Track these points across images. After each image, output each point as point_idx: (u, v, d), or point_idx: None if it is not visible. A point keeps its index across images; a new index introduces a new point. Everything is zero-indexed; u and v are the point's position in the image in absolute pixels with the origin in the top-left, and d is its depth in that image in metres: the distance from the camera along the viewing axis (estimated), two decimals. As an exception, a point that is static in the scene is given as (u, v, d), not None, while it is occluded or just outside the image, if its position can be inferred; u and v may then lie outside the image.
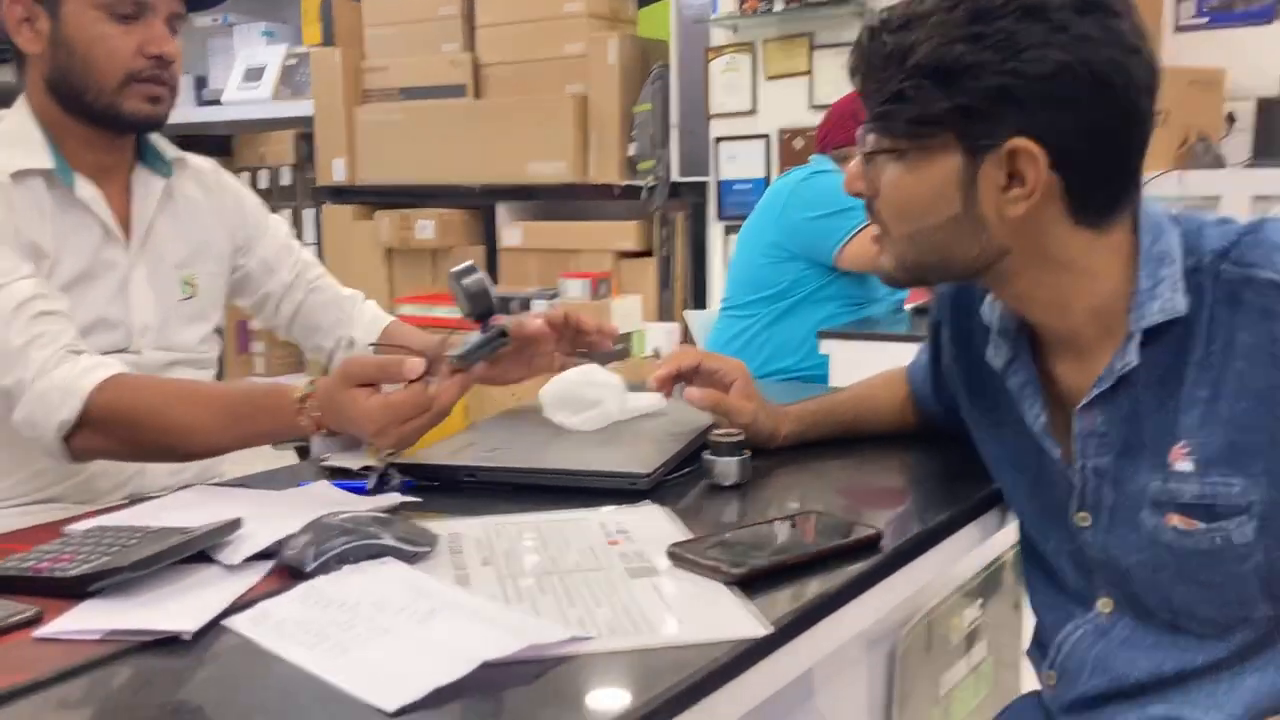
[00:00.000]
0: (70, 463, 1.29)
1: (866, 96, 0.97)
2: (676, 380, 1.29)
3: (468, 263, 1.20)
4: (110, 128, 1.42)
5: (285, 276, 1.66)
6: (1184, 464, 0.96)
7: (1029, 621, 1.27)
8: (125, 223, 1.46)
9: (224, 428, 1.25)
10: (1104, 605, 1.07)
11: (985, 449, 1.18)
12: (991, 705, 1.44)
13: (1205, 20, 3.52)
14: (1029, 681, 1.49)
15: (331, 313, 1.69)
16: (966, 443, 1.23)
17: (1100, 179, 0.94)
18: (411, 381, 1.15)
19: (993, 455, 1.17)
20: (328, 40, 5.38)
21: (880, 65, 0.94)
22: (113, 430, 1.25)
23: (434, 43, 5.02)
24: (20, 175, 1.36)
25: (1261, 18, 3.48)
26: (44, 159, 1.39)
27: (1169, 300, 0.94)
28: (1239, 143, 3.38)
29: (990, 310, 1.09)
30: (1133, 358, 0.96)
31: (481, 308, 1.24)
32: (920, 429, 1.36)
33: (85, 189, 1.41)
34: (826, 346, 2.46)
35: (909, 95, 0.92)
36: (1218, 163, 3.24)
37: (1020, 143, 0.91)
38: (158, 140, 1.52)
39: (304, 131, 5.44)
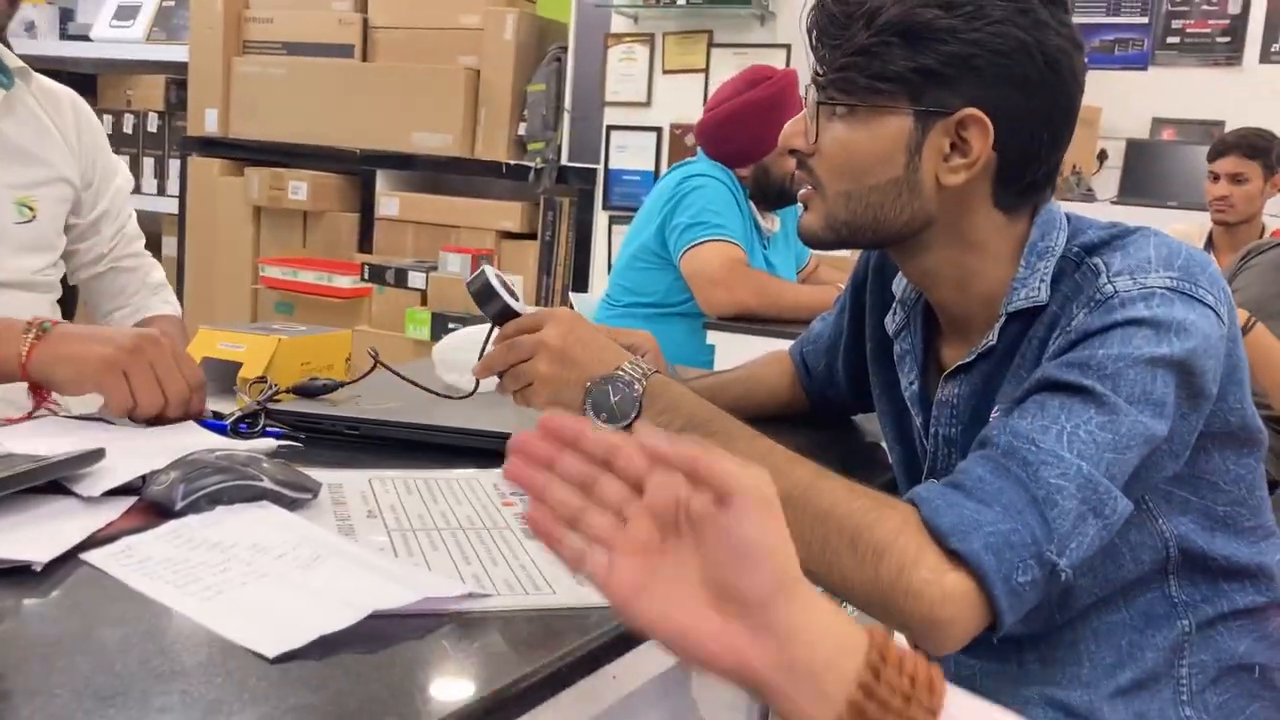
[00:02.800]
0: None
1: (822, 51, 0.97)
2: None
3: (481, 269, 1.09)
4: None
5: (102, 244, 1.54)
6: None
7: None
8: None
9: None
10: None
11: (880, 419, 1.21)
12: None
13: (1085, 60, 3.66)
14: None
15: (118, 299, 1.59)
16: (853, 426, 1.23)
17: (1028, 165, 0.97)
18: None
19: (883, 424, 1.21)
20: (210, -16, 5.15)
21: (842, 21, 0.94)
22: None
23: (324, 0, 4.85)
24: None
25: (1137, 63, 3.64)
26: None
27: (1034, 289, 0.97)
28: (1108, 179, 3.54)
29: (899, 282, 1.12)
30: (992, 338, 0.99)
31: (496, 309, 1.10)
32: (803, 409, 1.39)
33: None
34: (713, 338, 2.44)
35: (875, 51, 0.92)
36: (1088, 196, 3.37)
37: (972, 112, 0.93)
38: None
39: (176, 78, 5.19)
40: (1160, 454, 0.91)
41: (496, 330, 1.07)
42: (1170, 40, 3.88)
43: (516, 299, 1.07)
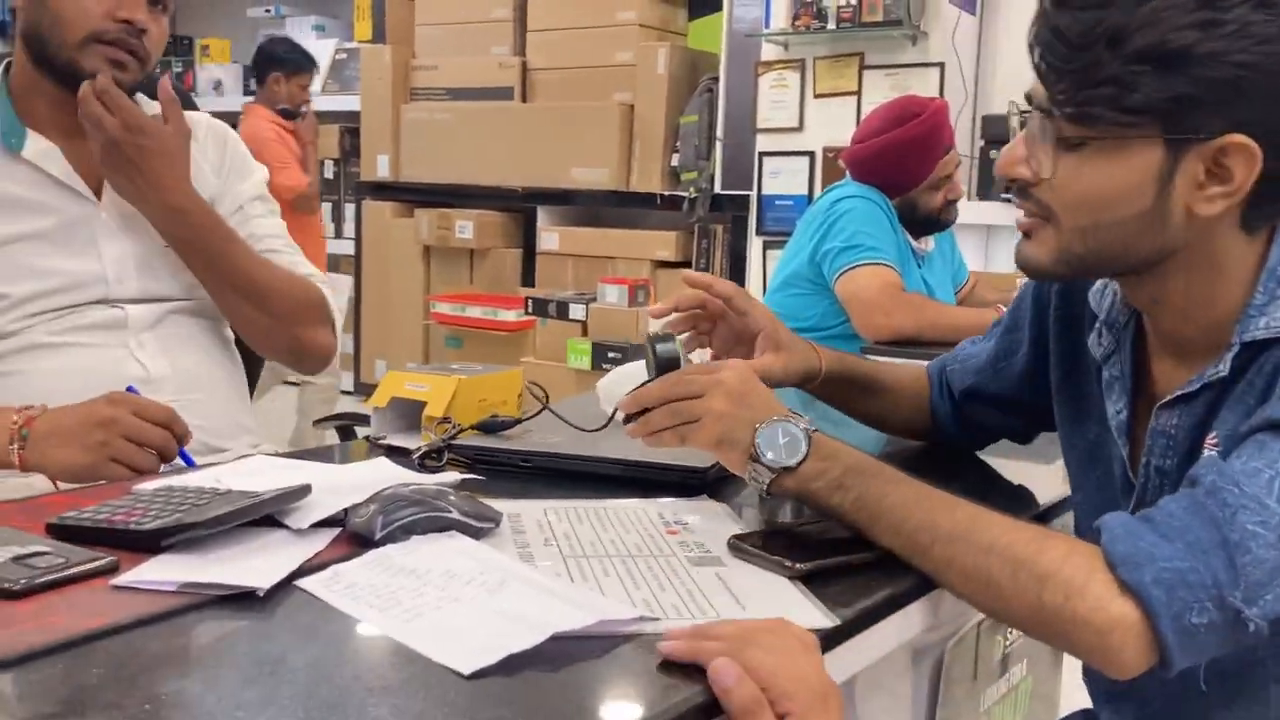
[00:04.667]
0: None
1: (1051, 75, 0.90)
2: (693, 327, 1.27)
3: (665, 331, 1.15)
4: (71, 85, 1.41)
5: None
6: (1208, 453, 0.93)
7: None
8: (99, 180, 1.46)
9: None
10: None
11: (1064, 439, 1.17)
12: (1027, 726, 1.44)
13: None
14: (1066, 704, 1.49)
15: None
16: (1021, 454, 1.21)
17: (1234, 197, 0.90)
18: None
19: (1068, 446, 1.16)
20: (378, 37, 5.44)
21: (1078, 41, 0.86)
22: None
23: (484, 45, 5.06)
24: None
25: None
26: None
27: (1276, 318, 0.91)
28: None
29: (1099, 299, 1.08)
30: (1224, 368, 0.93)
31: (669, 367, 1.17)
32: (925, 428, 1.35)
33: (36, 146, 1.42)
34: (870, 363, 2.45)
35: (1125, 82, 0.85)
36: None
37: (1237, 139, 0.86)
38: (139, 99, 1.50)
39: (350, 126, 5.49)
40: None
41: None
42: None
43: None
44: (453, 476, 1.15)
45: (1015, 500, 1.27)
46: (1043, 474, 1.36)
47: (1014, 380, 1.25)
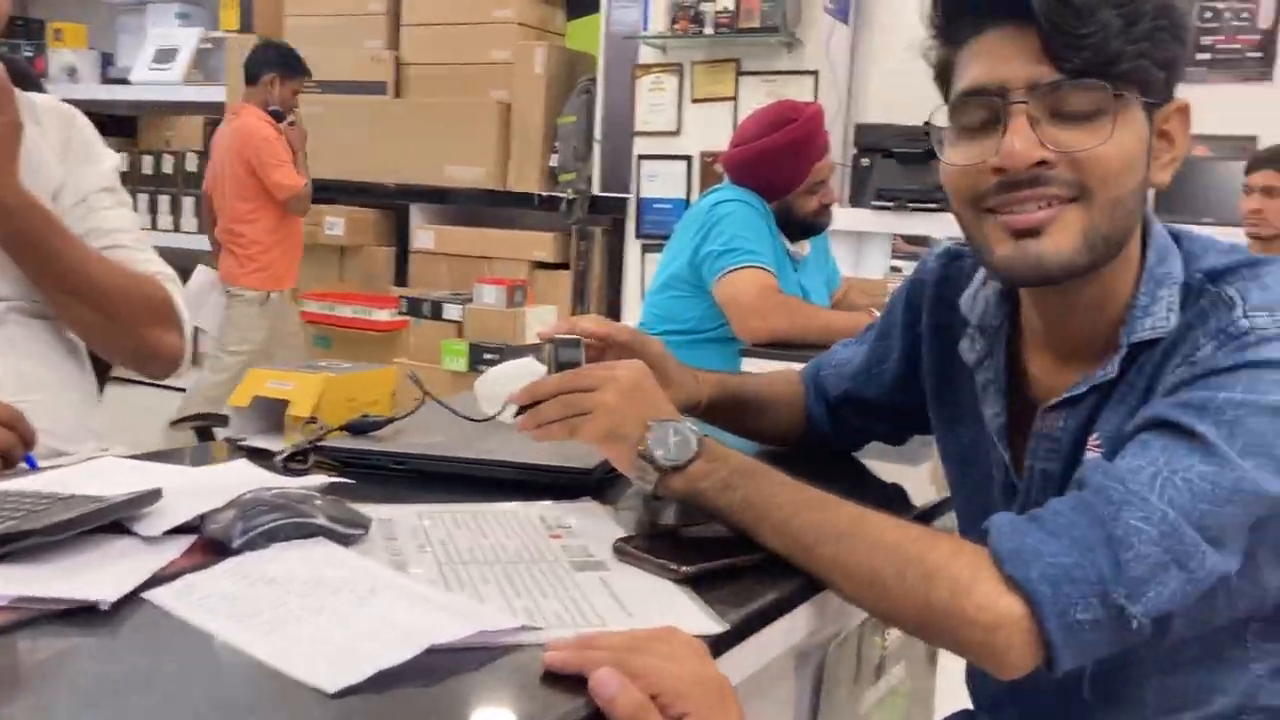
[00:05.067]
0: None
1: (1064, 46, 0.86)
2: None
3: (575, 338, 1.11)
4: None
5: (69, 226, 1.42)
6: (1092, 455, 0.94)
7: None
8: None
9: None
10: None
11: (940, 444, 1.18)
12: (905, 727, 1.44)
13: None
14: (941, 706, 1.50)
15: None
16: (890, 456, 1.21)
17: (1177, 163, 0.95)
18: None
19: (945, 450, 1.17)
20: (246, 27, 5.26)
21: (1088, 10, 0.85)
22: None
23: (357, 38, 4.94)
24: None
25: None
26: None
27: (1161, 319, 0.92)
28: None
29: (970, 304, 1.08)
30: (1113, 370, 0.94)
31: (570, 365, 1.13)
32: (800, 433, 1.34)
33: None
34: (748, 364, 2.45)
35: (1160, 41, 0.87)
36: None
37: (1183, 101, 0.91)
38: None
39: (215, 118, 5.27)
40: None
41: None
42: (1201, 57, 3.87)
43: None
44: (319, 480, 1.08)
45: (894, 502, 1.26)
46: (912, 475, 1.37)
47: (887, 385, 1.25)
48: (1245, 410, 0.83)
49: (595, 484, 1.13)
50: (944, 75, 0.97)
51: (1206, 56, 3.92)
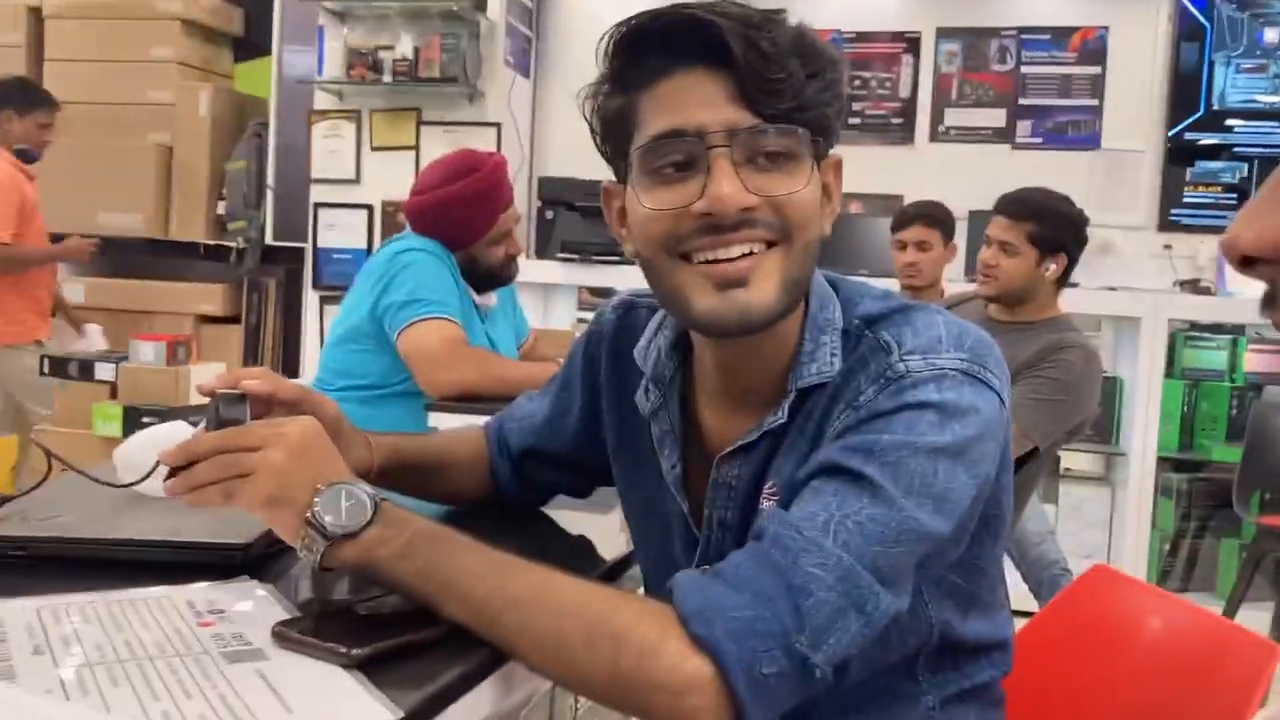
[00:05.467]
0: None
1: (761, 92, 0.87)
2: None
3: (239, 393, 0.97)
4: None
5: None
6: (768, 504, 0.95)
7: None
8: None
9: None
10: None
11: (622, 495, 1.15)
12: (602, 788, 1.40)
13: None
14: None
15: None
16: (586, 506, 1.19)
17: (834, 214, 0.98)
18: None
19: (628, 502, 1.14)
20: None
21: (777, 56, 0.86)
22: None
23: (-10, 71, 4.46)
24: None
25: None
26: None
27: (825, 363, 0.94)
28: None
29: (643, 355, 1.06)
30: (783, 415, 0.94)
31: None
32: (486, 492, 1.28)
33: None
34: (435, 419, 2.36)
35: (838, 91, 0.90)
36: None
37: (838, 157, 0.93)
38: None
39: None
40: (948, 547, 0.89)
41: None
42: (852, 121, 4.19)
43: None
44: (-91, 575, 0.91)
45: (582, 556, 1.23)
46: (600, 524, 1.34)
47: (569, 438, 1.21)
48: (906, 451, 0.85)
49: (255, 560, 1.02)
50: (620, 122, 0.94)
51: (857, 121, 4.26)
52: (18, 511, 1.08)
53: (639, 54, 0.91)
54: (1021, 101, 4.23)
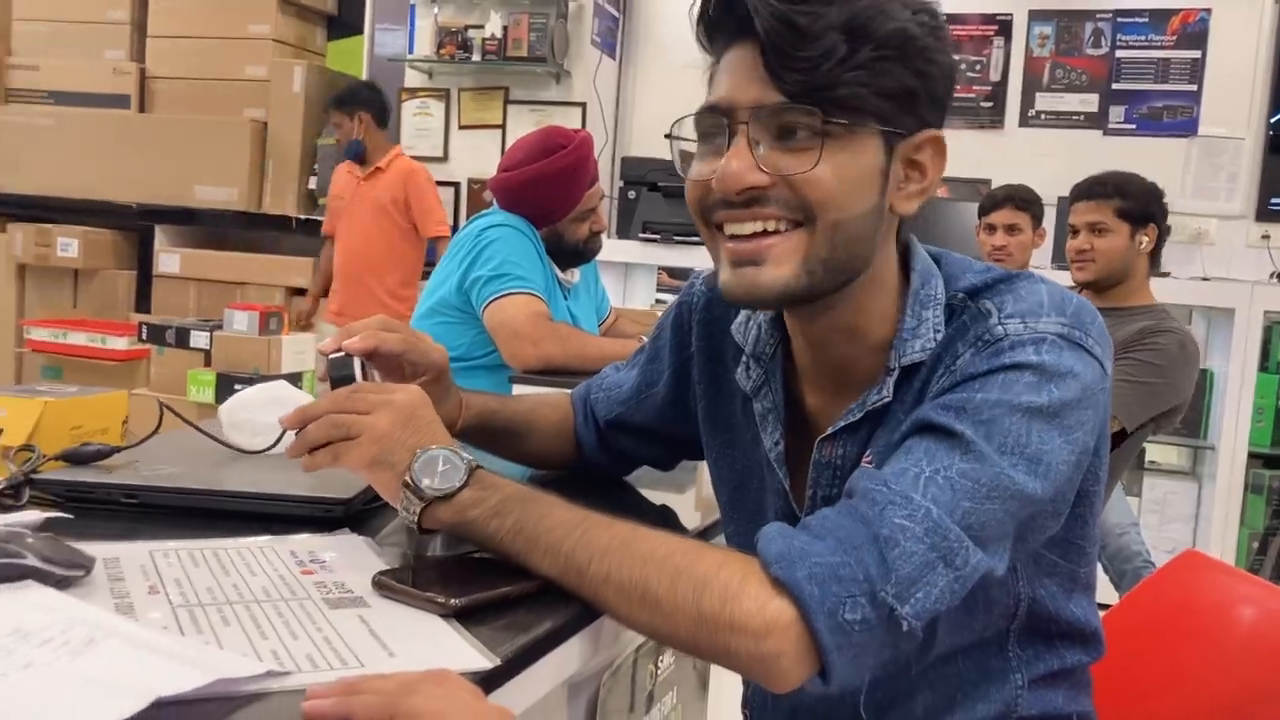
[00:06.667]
0: None
1: (785, 68, 0.86)
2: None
3: (347, 356, 1.02)
4: None
5: None
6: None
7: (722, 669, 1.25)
8: None
9: None
10: None
11: (713, 470, 1.16)
12: (677, 755, 1.42)
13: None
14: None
15: None
16: (664, 484, 1.19)
17: (927, 194, 0.95)
18: None
19: (718, 477, 1.15)
20: (-35, 29, 4.81)
21: (813, 33, 0.84)
22: None
23: (96, 48, 4.61)
24: None
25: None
26: None
27: (928, 340, 0.93)
28: (891, 234, 3.73)
29: (743, 332, 1.07)
30: (888, 393, 0.94)
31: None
32: (570, 457, 1.30)
33: None
34: (519, 391, 2.40)
35: (875, 69, 0.85)
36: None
37: (935, 133, 0.90)
38: None
39: (-77, 126, 4.81)
40: (1044, 515, 0.88)
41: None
42: (941, 104, 4.13)
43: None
44: (34, 516, 0.96)
45: (667, 522, 1.24)
46: (677, 502, 1.35)
47: (656, 410, 1.23)
48: (1001, 410, 0.85)
49: (354, 515, 1.05)
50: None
51: (946, 104, 4.20)
52: (129, 462, 1.13)
53: (707, 30, 0.93)
54: (1115, 86, 4.14)
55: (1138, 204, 2.49)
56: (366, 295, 3.84)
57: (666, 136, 0.97)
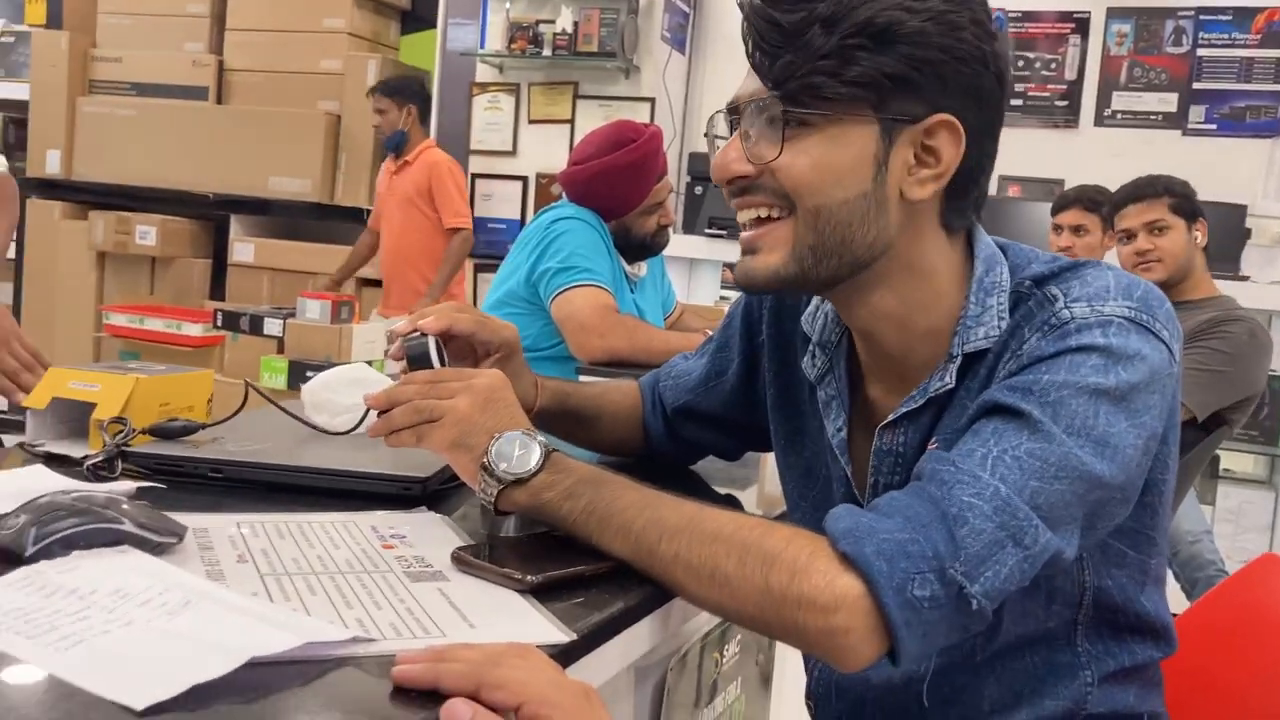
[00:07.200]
0: None
1: (767, 62, 0.89)
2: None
3: (423, 337, 1.08)
4: None
5: None
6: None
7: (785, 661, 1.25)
8: None
9: None
10: None
11: (780, 459, 1.17)
12: (741, 744, 1.42)
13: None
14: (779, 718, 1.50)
15: None
16: (725, 481, 1.20)
17: (976, 181, 0.94)
18: None
19: (785, 465, 1.16)
20: (54, 22, 4.96)
21: (794, 29, 0.87)
22: None
23: (176, 40, 4.72)
24: None
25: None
26: None
27: (992, 327, 0.93)
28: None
29: (811, 321, 1.08)
30: (950, 380, 0.94)
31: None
32: (638, 445, 1.32)
33: None
34: (585, 382, 2.42)
35: (844, 55, 0.86)
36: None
37: (946, 118, 0.89)
38: None
39: (16, 116, 4.96)
40: (1113, 501, 0.87)
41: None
42: (1014, 103, 4.08)
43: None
44: (128, 485, 0.99)
45: (732, 506, 1.25)
46: (739, 497, 1.36)
47: (725, 399, 1.24)
48: (1068, 391, 0.84)
49: (431, 494, 1.07)
50: None
51: (1019, 103, 4.15)
52: (214, 438, 1.16)
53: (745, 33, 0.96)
54: (1196, 85, 4.06)
55: (1185, 199, 2.51)
56: (408, 289, 3.89)
57: (705, 136, 1.02)
